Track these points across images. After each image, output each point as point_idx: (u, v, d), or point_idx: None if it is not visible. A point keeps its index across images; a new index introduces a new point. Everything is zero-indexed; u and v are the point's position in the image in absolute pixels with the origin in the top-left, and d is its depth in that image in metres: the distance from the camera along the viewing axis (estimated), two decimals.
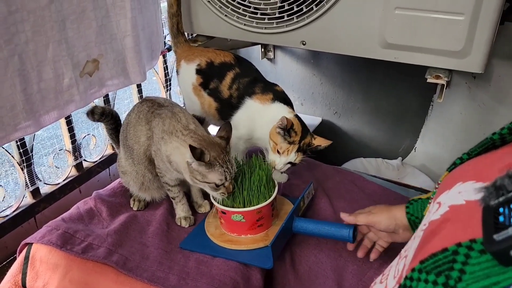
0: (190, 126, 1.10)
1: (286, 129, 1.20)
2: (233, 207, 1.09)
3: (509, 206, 0.40)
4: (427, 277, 0.47)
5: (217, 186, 1.05)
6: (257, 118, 1.30)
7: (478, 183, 0.52)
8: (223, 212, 1.11)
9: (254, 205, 1.09)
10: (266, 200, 1.10)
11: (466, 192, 0.52)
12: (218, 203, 1.11)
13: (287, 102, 1.33)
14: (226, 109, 1.36)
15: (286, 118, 1.18)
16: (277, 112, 1.26)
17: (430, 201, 0.77)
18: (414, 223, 0.93)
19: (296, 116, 1.27)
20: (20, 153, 1.33)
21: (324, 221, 1.11)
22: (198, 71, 1.40)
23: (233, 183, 1.08)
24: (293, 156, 1.23)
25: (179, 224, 1.21)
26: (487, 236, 0.42)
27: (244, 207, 1.09)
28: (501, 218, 0.40)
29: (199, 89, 1.41)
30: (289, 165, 1.26)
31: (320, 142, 1.24)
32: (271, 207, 1.13)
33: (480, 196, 0.44)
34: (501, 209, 0.41)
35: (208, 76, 1.38)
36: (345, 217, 1.02)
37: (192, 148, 0.98)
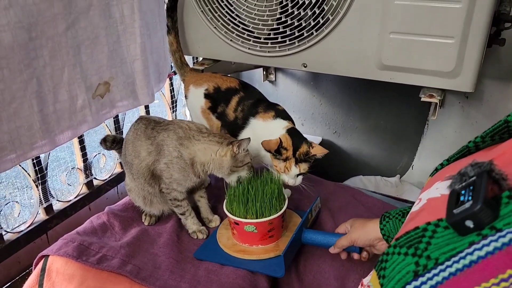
0: (202, 130, 1.25)
1: (275, 151, 1.24)
2: (246, 218, 1.14)
3: (469, 187, 0.49)
4: (400, 250, 0.56)
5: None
6: (261, 136, 1.33)
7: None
8: (236, 223, 1.15)
9: (266, 217, 1.13)
10: (277, 212, 1.14)
11: (442, 187, 0.61)
12: (230, 214, 1.16)
13: (288, 119, 1.36)
14: (233, 131, 1.41)
15: (265, 142, 1.24)
16: (276, 126, 1.31)
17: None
18: (389, 241, 0.98)
19: (291, 129, 1.30)
20: (35, 170, 1.39)
21: (332, 232, 1.15)
22: (206, 96, 1.45)
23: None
24: (295, 169, 1.26)
25: (195, 237, 1.25)
26: (449, 211, 0.50)
27: (257, 218, 1.13)
28: (462, 198, 0.49)
29: (208, 112, 1.46)
30: (301, 176, 1.29)
31: (317, 150, 1.26)
32: (281, 218, 1.17)
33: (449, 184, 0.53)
34: (463, 191, 0.49)
35: (216, 101, 1.44)
36: (332, 250, 1.10)
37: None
